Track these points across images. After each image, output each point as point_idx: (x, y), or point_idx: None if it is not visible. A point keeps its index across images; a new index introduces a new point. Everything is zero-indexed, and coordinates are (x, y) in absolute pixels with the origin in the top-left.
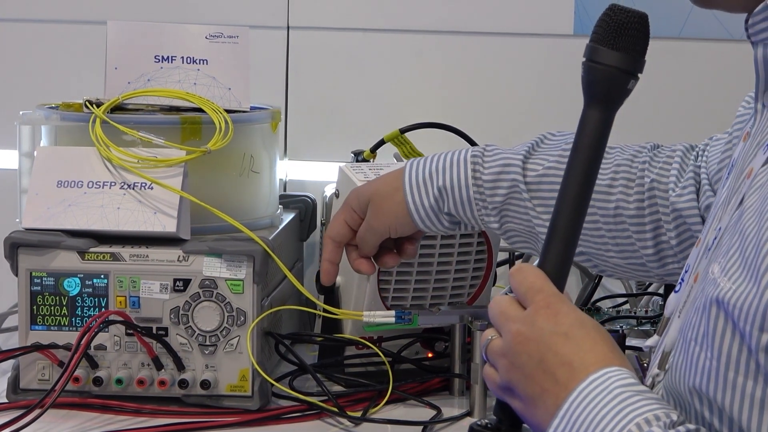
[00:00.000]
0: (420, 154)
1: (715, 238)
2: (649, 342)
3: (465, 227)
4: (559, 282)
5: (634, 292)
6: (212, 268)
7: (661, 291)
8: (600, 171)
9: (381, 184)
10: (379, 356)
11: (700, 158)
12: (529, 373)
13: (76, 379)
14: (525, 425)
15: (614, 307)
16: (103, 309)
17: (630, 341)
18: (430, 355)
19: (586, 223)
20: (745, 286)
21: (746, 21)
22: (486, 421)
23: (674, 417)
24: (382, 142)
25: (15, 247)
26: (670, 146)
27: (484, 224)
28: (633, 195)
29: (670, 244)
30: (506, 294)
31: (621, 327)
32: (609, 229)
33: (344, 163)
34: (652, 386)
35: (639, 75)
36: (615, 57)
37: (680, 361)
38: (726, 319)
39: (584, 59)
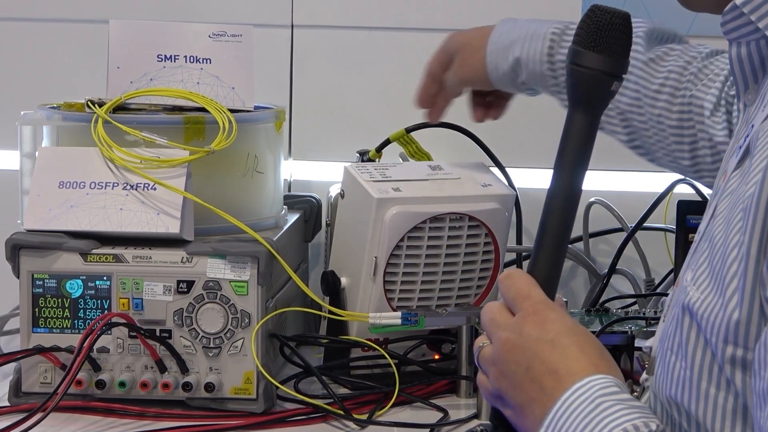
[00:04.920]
0: (426, 154)
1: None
2: (648, 343)
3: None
4: (549, 287)
5: (643, 292)
6: (216, 269)
7: (669, 292)
8: (653, 73)
9: (472, 37)
10: (385, 358)
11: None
12: (517, 382)
13: (79, 382)
14: None
15: (623, 308)
16: (106, 311)
17: (639, 342)
18: (436, 357)
19: (639, 122)
20: (711, 297)
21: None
22: (482, 427)
23: (653, 426)
24: (387, 142)
25: (17, 248)
26: (722, 60)
27: (559, 101)
28: (676, 106)
29: (706, 161)
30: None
31: (630, 328)
32: (654, 132)
33: (349, 163)
34: (643, 390)
35: (623, 76)
36: (596, 59)
37: (660, 371)
38: (697, 329)
39: (567, 62)
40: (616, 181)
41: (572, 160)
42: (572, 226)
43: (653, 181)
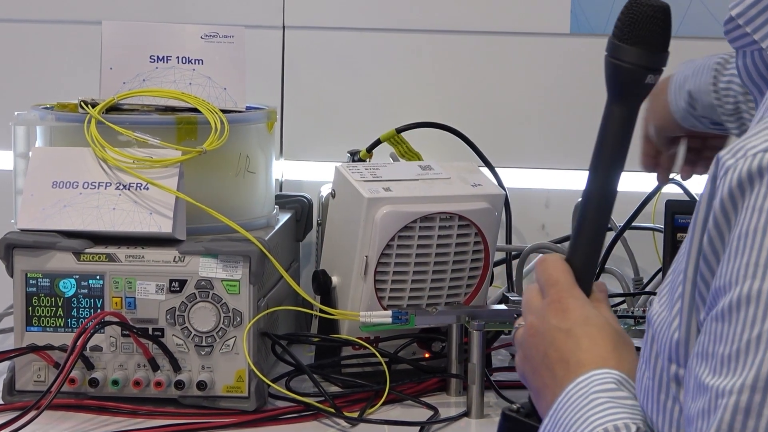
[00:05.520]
0: (416, 154)
1: None
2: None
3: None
4: (586, 274)
5: (632, 291)
6: (208, 268)
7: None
8: None
9: (660, 83)
10: (376, 357)
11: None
12: (535, 367)
13: (72, 381)
14: None
15: (612, 306)
16: (99, 310)
17: None
18: (427, 355)
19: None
20: (665, 313)
21: None
22: (518, 405)
23: (633, 428)
24: (378, 142)
25: (10, 248)
26: None
27: (728, 130)
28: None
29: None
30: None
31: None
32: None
33: (340, 163)
34: None
35: (660, 69)
36: (631, 52)
37: (636, 380)
38: (653, 341)
39: (605, 54)
40: None
41: (609, 152)
42: (610, 216)
43: (642, 181)
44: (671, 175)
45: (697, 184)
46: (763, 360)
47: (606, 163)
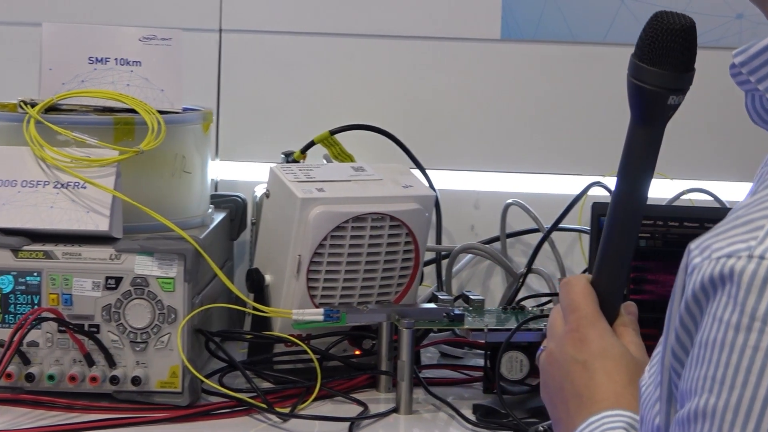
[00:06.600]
0: (350, 156)
1: None
2: None
3: None
4: (611, 298)
5: (558, 291)
6: (144, 266)
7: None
8: None
9: None
10: (308, 354)
11: None
12: (551, 398)
13: (8, 375)
14: None
15: (538, 306)
16: (36, 306)
17: None
18: (357, 352)
19: None
20: (651, 386)
21: None
22: (544, 427)
23: None
24: (312, 144)
25: None
26: None
27: None
28: None
29: None
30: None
31: (545, 325)
32: None
33: (275, 164)
34: None
35: (684, 89)
36: (651, 74)
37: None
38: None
39: (627, 74)
40: (532, 183)
41: (634, 172)
42: (636, 236)
43: (569, 184)
44: (597, 179)
45: None
46: None
47: (631, 185)
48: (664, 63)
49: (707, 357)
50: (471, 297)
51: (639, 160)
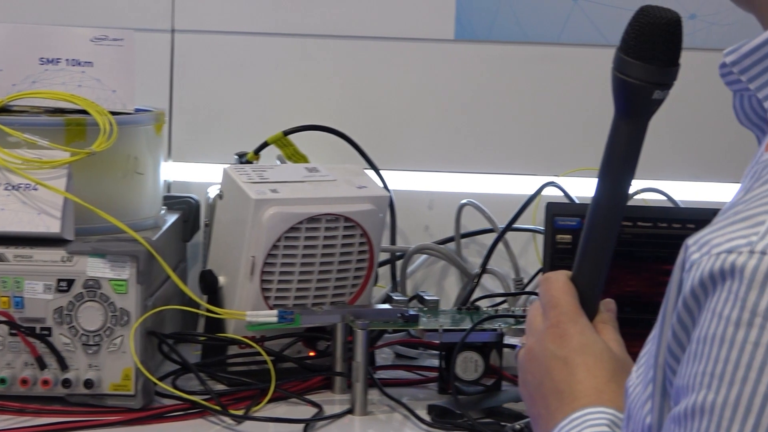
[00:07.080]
0: (303, 156)
1: None
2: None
3: None
4: (590, 294)
5: (513, 291)
6: (96, 268)
7: (538, 291)
8: None
9: None
10: (262, 355)
11: None
12: (531, 394)
13: None
14: None
15: (493, 306)
16: None
17: (508, 339)
18: (312, 354)
19: None
20: (639, 386)
21: None
22: (521, 425)
23: None
24: (265, 144)
25: None
26: None
27: None
28: None
29: None
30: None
31: (499, 325)
32: None
33: (228, 165)
34: None
35: (669, 84)
36: (635, 67)
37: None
38: (628, 409)
39: (611, 68)
40: (486, 183)
41: (616, 168)
42: (617, 233)
43: (523, 184)
44: (551, 179)
45: (578, 187)
46: None
47: (613, 180)
48: (649, 57)
49: (706, 353)
50: (426, 297)
51: (622, 156)
